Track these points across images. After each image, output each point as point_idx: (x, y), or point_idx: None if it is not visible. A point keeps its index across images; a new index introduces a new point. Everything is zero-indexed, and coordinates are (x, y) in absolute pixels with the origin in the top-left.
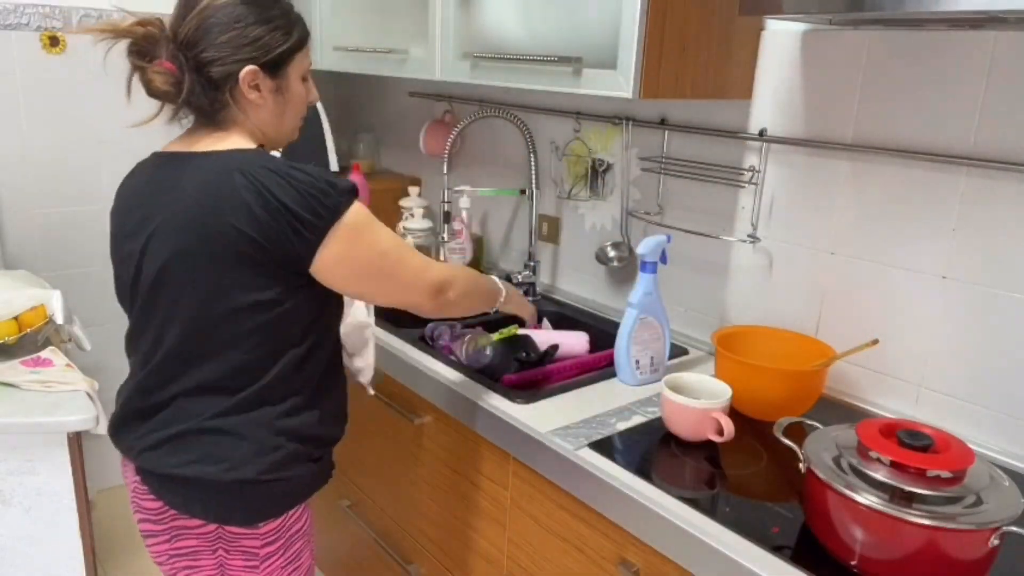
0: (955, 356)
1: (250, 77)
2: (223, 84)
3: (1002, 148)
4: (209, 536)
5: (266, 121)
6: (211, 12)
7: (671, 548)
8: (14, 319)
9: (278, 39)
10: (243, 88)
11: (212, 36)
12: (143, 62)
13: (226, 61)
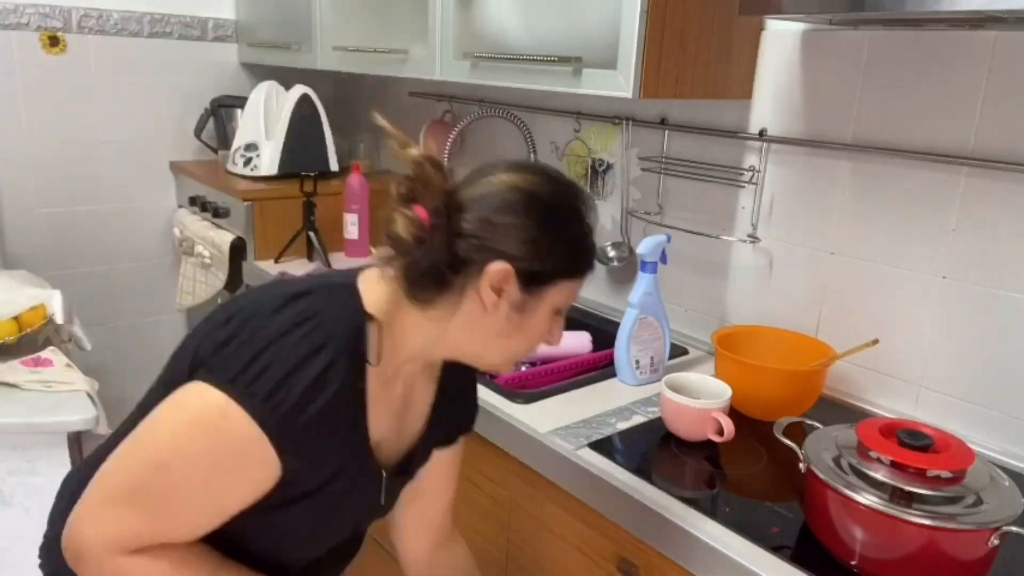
0: (955, 356)
1: (498, 276)
2: (463, 265)
3: (1002, 148)
4: None
5: (481, 335)
6: (499, 190)
7: (671, 548)
8: (14, 319)
9: (558, 253)
10: (483, 283)
11: (484, 211)
12: (402, 202)
13: (484, 243)
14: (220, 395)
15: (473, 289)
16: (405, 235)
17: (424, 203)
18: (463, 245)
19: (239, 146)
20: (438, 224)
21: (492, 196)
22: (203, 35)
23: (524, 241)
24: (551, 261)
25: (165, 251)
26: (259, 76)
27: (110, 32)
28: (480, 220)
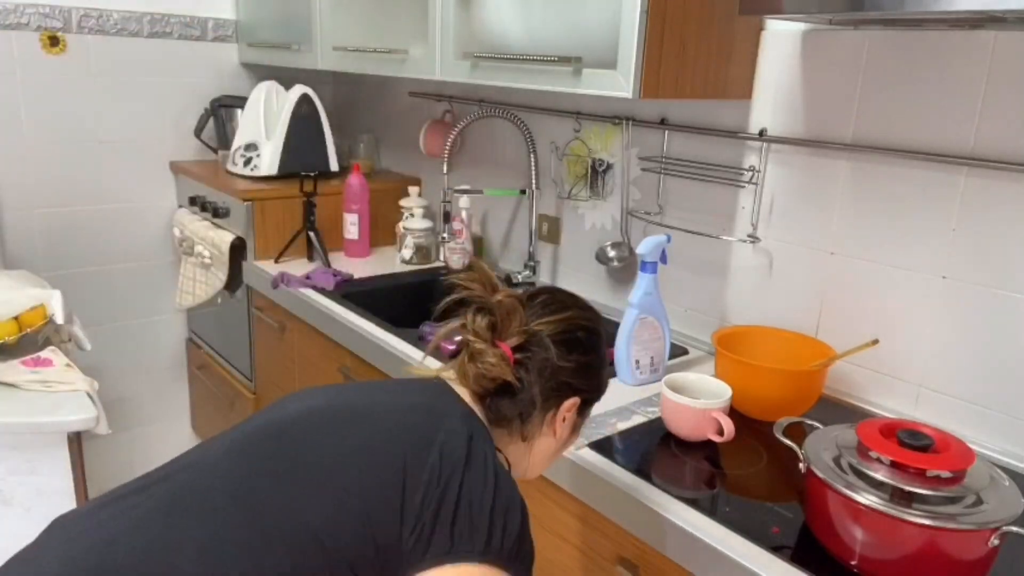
0: (955, 356)
1: (572, 407)
2: (547, 400)
3: (1002, 148)
4: None
5: (542, 450)
6: (570, 326)
7: (671, 548)
8: (14, 319)
9: (602, 380)
10: (560, 415)
11: (564, 349)
12: (488, 342)
13: (566, 380)
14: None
15: (550, 419)
16: (500, 374)
17: (507, 340)
18: (550, 383)
19: (239, 146)
20: (522, 360)
21: (566, 333)
22: (203, 35)
23: (588, 376)
24: (600, 388)
25: (165, 251)
26: (259, 76)
27: (110, 32)
28: (562, 357)
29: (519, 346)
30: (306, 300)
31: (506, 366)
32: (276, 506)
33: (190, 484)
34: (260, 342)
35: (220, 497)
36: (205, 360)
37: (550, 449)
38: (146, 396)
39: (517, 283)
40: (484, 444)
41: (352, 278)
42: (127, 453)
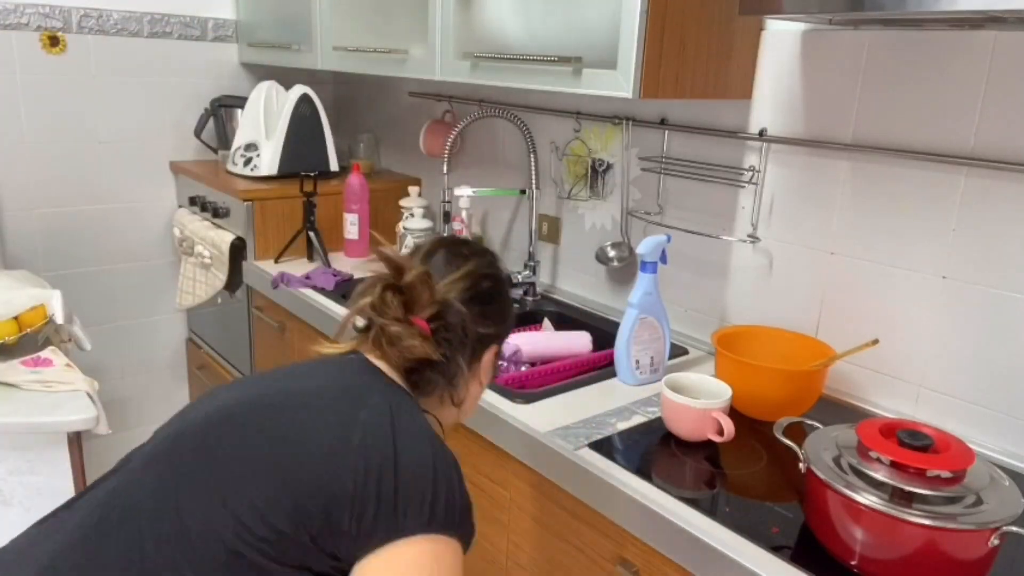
0: (955, 356)
1: (492, 356)
2: (472, 357)
3: (1002, 148)
4: None
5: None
6: (474, 281)
7: (671, 548)
8: (14, 319)
9: (512, 319)
10: (484, 366)
11: (476, 307)
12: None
13: (483, 335)
14: (425, 546)
15: (474, 372)
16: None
17: (420, 313)
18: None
19: (239, 146)
20: (438, 327)
21: (472, 290)
22: (203, 35)
23: (500, 321)
24: (510, 324)
25: (165, 251)
26: (259, 76)
27: (110, 32)
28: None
29: (433, 315)
30: (306, 300)
31: (428, 343)
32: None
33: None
34: (260, 342)
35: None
36: (205, 360)
37: (476, 395)
38: (146, 396)
39: (517, 283)
40: (409, 414)
41: (352, 278)
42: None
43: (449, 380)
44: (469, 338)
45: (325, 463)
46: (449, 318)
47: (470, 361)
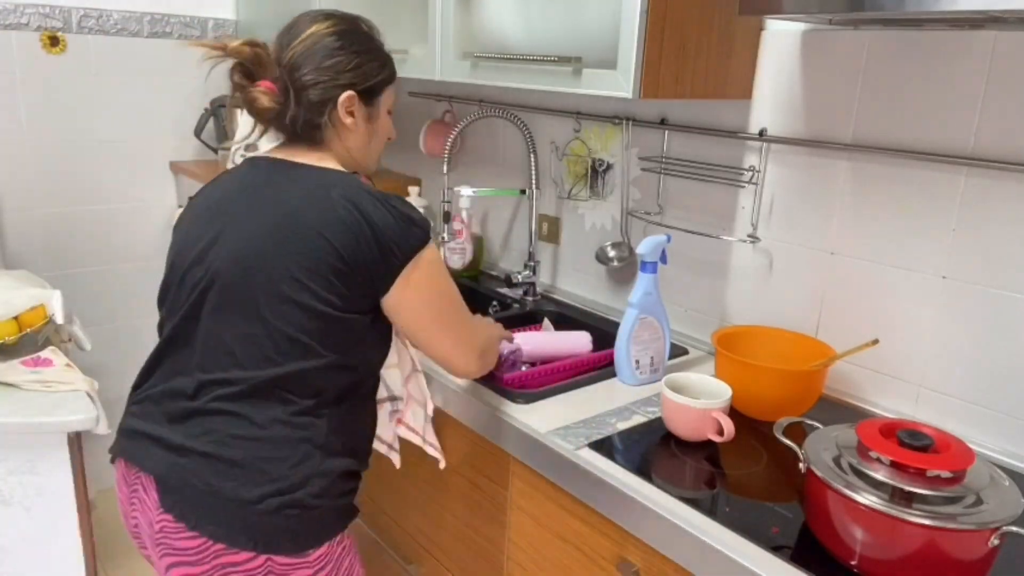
0: (955, 356)
1: (348, 102)
2: (322, 107)
3: (1002, 148)
4: (258, 571)
5: (356, 147)
6: (315, 40)
7: (671, 548)
8: (14, 319)
9: (375, 69)
10: (340, 112)
11: (315, 61)
12: (247, 82)
13: (327, 85)
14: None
15: (338, 119)
16: (270, 105)
17: (266, 77)
18: (314, 94)
19: (239, 146)
20: (286, 87)
21: (313, 49)
22: (203, 35)
23: (351, 70)
24: (375, 76)
25: (165, 251)
26: None
27: (110, 32)
28: (315, 70)
29: (276, 77)
30: None
31: (268, 96)
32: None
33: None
34: None
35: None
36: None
37: (364, 140)
38: None
39: (517, 283)
40: (354, 184)
41: None
42: None
43: (314, 126)
44: (315, 87)
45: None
46: (290, 74)
47: (321, 105)
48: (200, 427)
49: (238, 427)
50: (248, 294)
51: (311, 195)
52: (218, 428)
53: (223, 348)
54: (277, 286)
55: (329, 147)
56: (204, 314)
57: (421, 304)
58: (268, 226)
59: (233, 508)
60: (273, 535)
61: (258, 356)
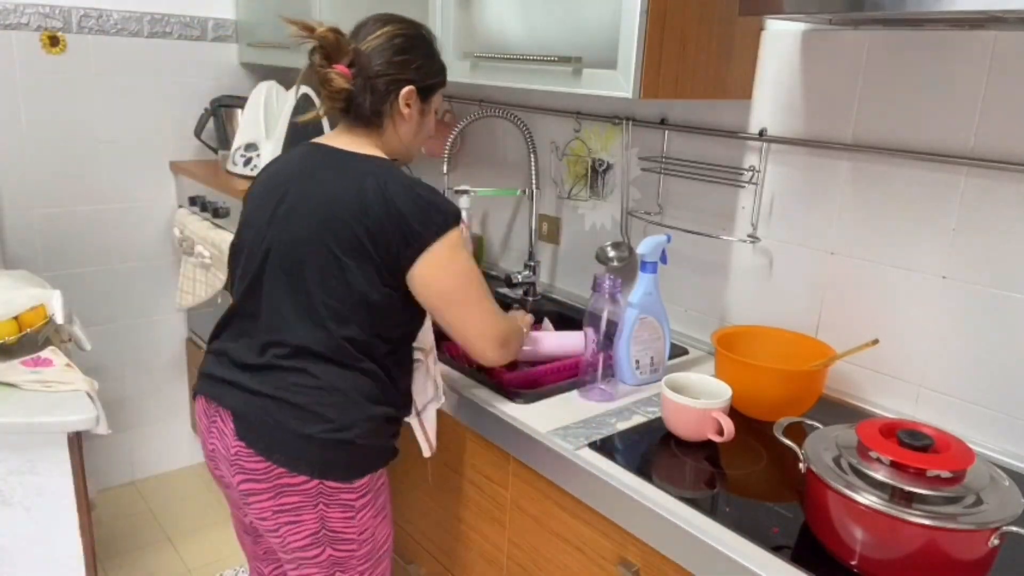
0: (955, 356)
1: (408, 95)
2: (387, 95)
3: (1002, 148)
4: (311, 492)
5: (405, 136)
6: (388, 38)
7: (671, 548)
8: (14, 319)
9: (434, 72)
10: (400, 102)
11: (387, 56)
12: (326, 64)
13: (394, 77)
14: (454, 231)
15: (396, 108)
16: (342, 86)
17: (342, 61)
18: (381, 82)
19: (239, 146)
20: (358, 73)
21: (385, 45)
22: (203, 35)
23: (416, 68)
24: (433, 77)
25: (165, 251)
26: (259, 76)
27: (110, 32)
28: (385, 63)
29: (350, 63)
30: None
31: (343, 78)
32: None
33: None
34: None
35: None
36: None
37: (413, 132)
38: (146, 396)
39: (517, 283)
40: (387, 172)
41: None
42: (127, 453)
43: (376, 111)
44: (379, 77)
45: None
46: (363, 63)
47: (385, 94)
48: (267, 377)
49: (298, 378)
50: (297, 270)
51: (350, 182)
52: (282, 378)
53: (280, 315)
54: (320, 264)
55: (384, 132)
56: (265, 283)
57: (439, 284)
58: (313, 210)
59: (296, 441)
60: (327, 465)
61: (308, 324)
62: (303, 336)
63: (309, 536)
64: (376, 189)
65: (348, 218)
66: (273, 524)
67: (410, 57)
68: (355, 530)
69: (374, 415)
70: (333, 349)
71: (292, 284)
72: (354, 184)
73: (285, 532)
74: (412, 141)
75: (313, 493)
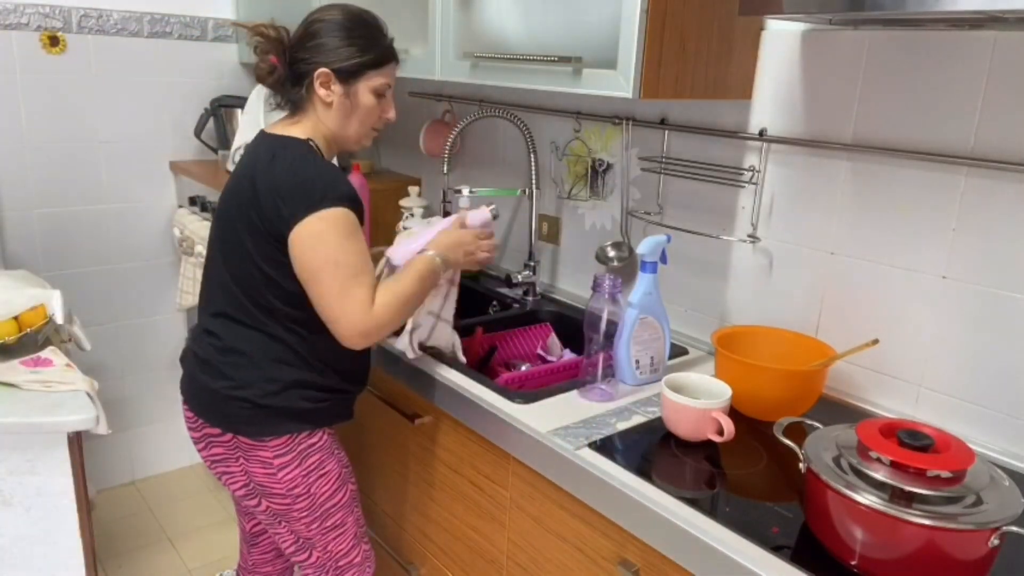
0: (955, 356)
1: (322, 77)
2: (302, 79)
3: (1002, 148)
4: (229, 444)
5: (332, 120)
6: (310, 25)
7: (671, 548)
8: (14, 319)
9: (353, 53)
10: (315, 85)
11: (305, 42)
12: (260, 56)
13: (308, 62)
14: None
15: (314, 91)
16: (265, 74)
17: (273, 53)
18: (300, 67)
19: (239, 146)
20: (283, 62)
21: (307, 33)
22: (203, 35)
23: (330, 51)
24: (352, 59)
25: (165, 251)
26: None
27: (110, 32)
28: (303, 50)
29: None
30: None
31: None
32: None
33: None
34: None
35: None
36: None
37: (341, 116)
38: (146, 396)
39: (517, 283)
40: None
41: None
42: (127, 453)
43: (297, 96)
44: (293, 63)
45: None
46: (285, 52)
47: (301, 79)
48: (198, 339)
49: (211, 339)
50: (219, 242)
51: (254, 159)
52: (202, 338)
53: (209, 284)
54: (227, 235)
55: (308, 116)
56: (209, 261)
57: (302, 259)
58: (230, 188)
59: (204, 394)
60: (232, 418)
61: (222, 290)
62: (217, 301)
63: (243, 487)
64: (266, 162)
65: (244, 190)
66: (216, 472)
67: (322, 41)
68: (281, 487)
69: (276, 377)
70: (239, 312)
71: (212, 255)
72: (253, 158)
73: (226, 481)
74: (343, 125)
75: (232, 446)
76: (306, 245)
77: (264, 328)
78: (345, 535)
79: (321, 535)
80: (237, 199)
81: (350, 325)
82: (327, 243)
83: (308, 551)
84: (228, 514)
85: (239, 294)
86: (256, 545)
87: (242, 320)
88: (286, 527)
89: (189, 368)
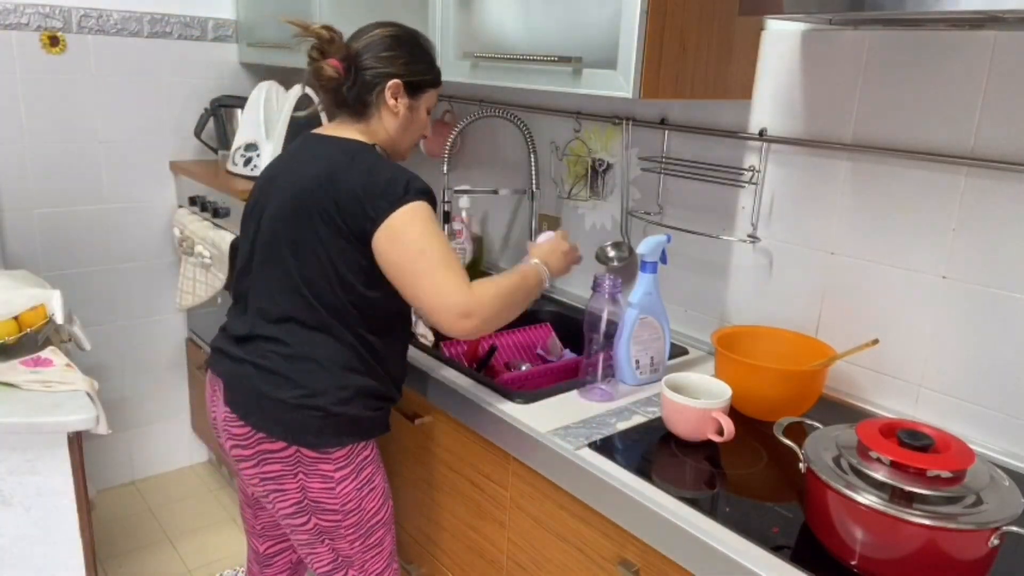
0: (955, 356)
1: (395, 88)
2: (373, 86)
3: (1002, 148)
4: (289, 460)
5: (393, 128)
6: (378, 37)
7: (671, 548)
8: (14, 319)
9: (422, 69)
10: (386, 94)
11: (375, 51)
12: (319, 57)
13: (380, 71)
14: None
15: (383, 100)
16: (332, 76)
17: (335, 56)
18: (368, 74)
19: (239, 146)
20: (349, 66)
21: (375, 43)
22: (203, 35)
23: (404, 64)
24: (421, 75)
25: (165, 251)
26: (259, 76)
27: (110, 32)
28: (373, 58)
29: (343, 58)
30: None
31: (332, 68)
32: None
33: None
34: None
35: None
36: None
37: (402, 126)
38: (146, 396)
39: None
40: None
41: None
42: (127, 453)
43: (363, 100)
44: (366, 70)
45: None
46: (354, 58)
47: (370, 85)
48: (251, 346)
49: (274, 346)
50: (276, 242)
51: (324, 159)
52: (262, 346)
53: (265, 288)
54: (295, 235)
55: (371, 123)
56: (255, 260)
57: (391, 255)
58: (292, 185)
59: (269, 405)
60: (298, 429)
61: (287, 294)
62: (283, 306)
63: (294, 504)
64: (345, 163)
65: (317, 189)
66: (263, 490)
67: (397, 54)
68: (336, 501)
69: (347, 384)
70: (310, 317)
71: (273, 257)
72: (327, 160)
73: (273, 499)
74: (401, 136)
75: (292, 462)
76: (394, 239)
77: (334, 332)
78: (382, 554)
79: (362, 553)
80: (312, 198)
81: (453, 306)
82: (414, 234)
83: (344, 571)
84: (228, 514)
85: (311, 297)
86: (270, 566)
87: (313, 325)
88: (328, 545)
89: (245, 381)
